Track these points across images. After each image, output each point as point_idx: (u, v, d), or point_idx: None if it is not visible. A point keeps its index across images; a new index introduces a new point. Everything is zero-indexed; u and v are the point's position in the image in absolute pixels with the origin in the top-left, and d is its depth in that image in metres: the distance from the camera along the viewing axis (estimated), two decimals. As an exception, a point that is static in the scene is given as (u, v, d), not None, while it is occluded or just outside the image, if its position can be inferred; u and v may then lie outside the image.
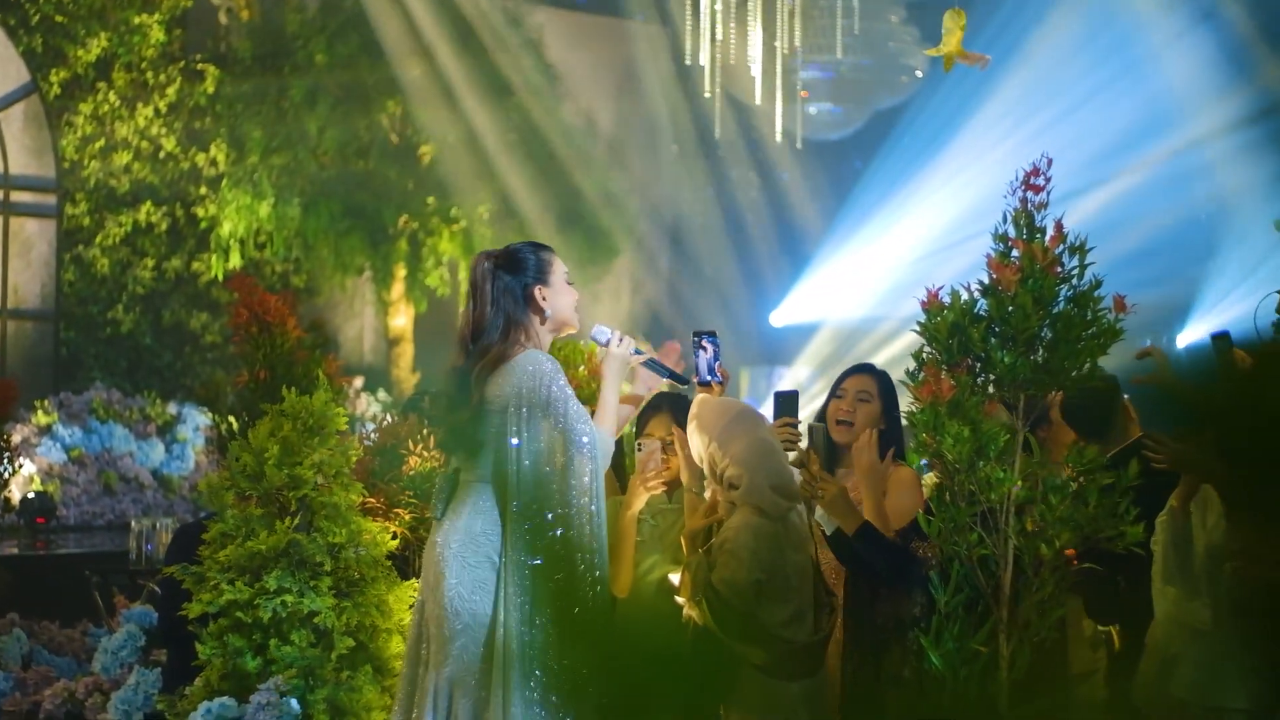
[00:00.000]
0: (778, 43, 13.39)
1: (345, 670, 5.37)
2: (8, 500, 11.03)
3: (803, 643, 4.64)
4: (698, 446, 4.80)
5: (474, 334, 4.82)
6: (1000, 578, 4.45)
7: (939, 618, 4.44)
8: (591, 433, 4.72)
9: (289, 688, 5.26)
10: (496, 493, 4.72)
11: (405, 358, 15.50)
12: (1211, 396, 2.57)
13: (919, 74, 15.91)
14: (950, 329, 4.49)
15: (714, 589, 4.56)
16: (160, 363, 14.81)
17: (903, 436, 5.24)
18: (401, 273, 15.32)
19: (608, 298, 15.90)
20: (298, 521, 5.43)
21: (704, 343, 5.10)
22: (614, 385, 4.90)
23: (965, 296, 4.51)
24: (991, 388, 4.52)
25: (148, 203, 14.62)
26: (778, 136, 14.64)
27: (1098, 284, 4.48)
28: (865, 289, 15.12)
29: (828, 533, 4.85)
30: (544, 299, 4.85)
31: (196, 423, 12.78)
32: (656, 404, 5.25)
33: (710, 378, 5.08)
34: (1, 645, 7.52)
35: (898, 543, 4.76)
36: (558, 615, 4.60)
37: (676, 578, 4.80)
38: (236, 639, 5.35)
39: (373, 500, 5.89)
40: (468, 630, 4.66)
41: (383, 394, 14.49)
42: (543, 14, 15.83)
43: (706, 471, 4.79)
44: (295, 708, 5.22)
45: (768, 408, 5.34)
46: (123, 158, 14.49)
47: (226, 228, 14.28)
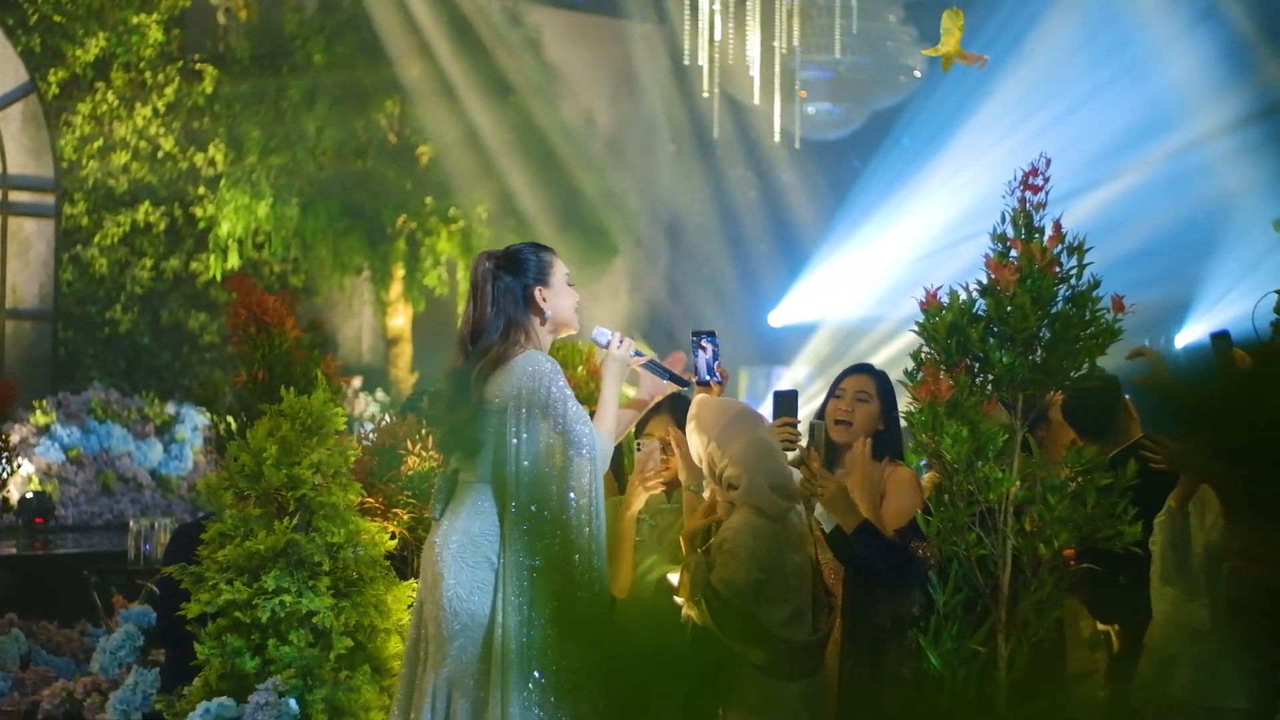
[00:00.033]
0: (776, 42, 13.39)
1: (344, 670, 5.36)
2: (6, 500, 11.03)
3: (802, 643, 4.64)
4: (697, 446, 4.80)
5: (474, 334, 4.81)
6: (999, 578, 4.44)
7: (937, 617, 4.44)
8: (591, 434, 4.71)
9: (287, 688, 5.25)
10: (495, 493, 4.72)
11: (403, 358, 15.49)
12: (1210, 396, 2.56)
13: (917, 74, 15.90)
14: (949, 329, 4.49)
15: (713, 589, 4.56)
16: (158, 363, 14.80)
17: (901, 436, 5.24)
18: (400, 273, 15.31)
19: (606, 297, 15.87)
20: (296, 521, 5.41)
21: (703, 343, 5.10)
22: (614, 387, 4.90)
23: (964, 296, 4.50)
24: (990, 388, 4.52)
25: (146, 203, 14.61)
26: (776, 136, 14.65)
27: (1096, 284, 4.47)
28: (864, 289, 15.12)
29: (827, 531, 4.85)
30: (544, 300, 4.84)
31: (195, 423, 12.76)
32: (656, 404, 5.25)
33: (709, 378, 5.07)
34: (0, 645, 7.52)
35: (897, 542, 4.77)
36: (556, 615, 4.58)
37: (675, 578, 4.80)
38: (235, 639, 5.34)
39: (371, 500, 5.89)
40: (466, 630, 4.65)
41: (381, 394, 14.47)
42: (541, 14, 15.81)
43: (705, 471, 4.79)
44: (294, 708, 5.22)
45: (766, 407, 5.34)
46: (121, 158, 14.49)
47: (225, 228, 14.27)
